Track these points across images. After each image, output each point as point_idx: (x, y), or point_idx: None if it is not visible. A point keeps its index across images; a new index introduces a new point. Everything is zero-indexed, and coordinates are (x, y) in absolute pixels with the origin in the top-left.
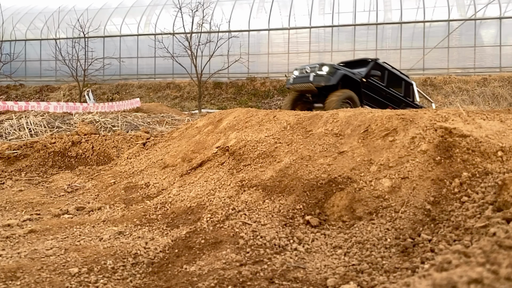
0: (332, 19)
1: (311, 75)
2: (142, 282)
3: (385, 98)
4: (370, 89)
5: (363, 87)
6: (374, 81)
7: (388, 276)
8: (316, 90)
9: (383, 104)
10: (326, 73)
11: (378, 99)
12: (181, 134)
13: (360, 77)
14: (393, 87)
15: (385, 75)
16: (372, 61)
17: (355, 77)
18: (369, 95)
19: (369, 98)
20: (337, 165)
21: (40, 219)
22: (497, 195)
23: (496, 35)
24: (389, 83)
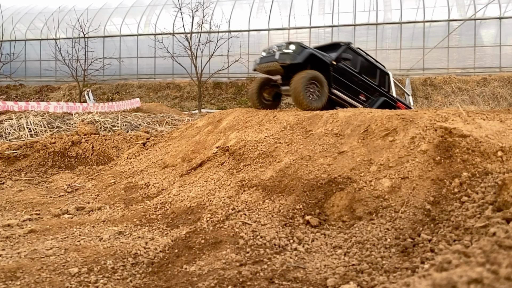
0: (332, 19)
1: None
2: (142, 282)
3: (357, 84)
4: (340, 74)
5: (333, 70)
6: (345, 66)
7: (388, 276)
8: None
9: (354, 91)
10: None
11: (349, 85)
12: (181, 134)
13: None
14: (367, 75)
15: (358, 61)
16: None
17: (324, 58)
18: (339, 80)
19: (339, 83)
20: (337, 165)
21: (40, 219)
22: (497, 195)
23: (496, 35)
24: (362, 70)
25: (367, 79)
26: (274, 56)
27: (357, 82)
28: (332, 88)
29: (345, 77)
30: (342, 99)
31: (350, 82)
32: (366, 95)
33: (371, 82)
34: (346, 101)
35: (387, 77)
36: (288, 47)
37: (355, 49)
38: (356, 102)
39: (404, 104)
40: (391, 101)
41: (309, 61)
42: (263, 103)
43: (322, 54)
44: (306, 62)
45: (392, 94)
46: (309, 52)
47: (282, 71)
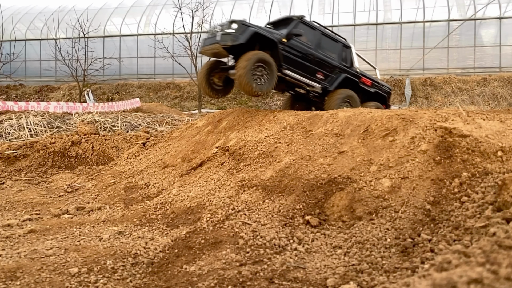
0: (332, 19)
1: (218, 34)
2: (142, 282)
3: (313, 62)
4: (293, 52)
5: (284, 49)
6: (299, 43)
7: (388, 276)
8: (226, 52)
9: (310, 69)
10: (235, 30)
11: (303, 63)
12: (181, 134)
13: (279, 37)
14: (324, 51)
15: (313, 36)
16: (296, 20)
17: (271, 36)
18: (291, 59)
19: (292, 62)
20: (337, 165)
21: (40, 219)
22: (497, 195)
23: (496, 35)
24: (319, 46)
25: (325, 55)
26: (215, 37)
27: (313, 59)
28: (284, 68)
29: (298, 55)
30: (297, 80)
31: (305, 60)
32: (325, 73)
33: (329, 58)
34: (301, 81)
35: (348, 51)
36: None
37: (309, 23)
38: (313, 82)
39: (369, 79)
40: (354, 76)
41: (256, 41)
42: (213, 89)
43: (270, 32)
44: (252, 42)
45: (356, 69)
46: (252, 31)
47: (226, 54)
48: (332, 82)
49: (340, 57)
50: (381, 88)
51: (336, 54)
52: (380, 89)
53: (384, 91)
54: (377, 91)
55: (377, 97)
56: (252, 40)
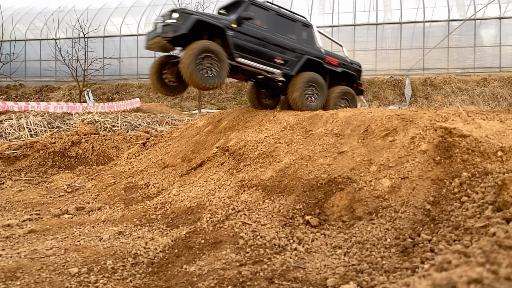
0: (332, 19)
1: (159, 26)
2: (142, 282)
3: (270, 47)
4: (246, 37)
5: (235, 35)
6: (251, 27)
7: (388, 276)
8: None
9: (267, 55)
10: (176, 20)
11: (259, 49)
12: (181, 134)
13: (228, 22)
14: (282, 32)
15: (268, 18)
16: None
17: (218, 22)
18: (244, 45)
19: (245, 48)
20: (337, 165)
21: (40, 219)
22: (497, 195)
23: (496, 35)
24: (276, 28)
25: (282, 38)
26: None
27: (270, 43)
28: (236, 56)
29: (252, 40)
30: (254, 67)
31: (260, 45)
32: (284, 57)
33: (288, 40)
34: (258, 68)
35: (309, 31)
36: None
37: (261, 4)
38: (272, 68)
39: (335, 58)
40: (318, 57)
41: (203, 29)
42: (166, 86)
43: (216, 18)
44: (198, 31)
45: (319, 49)
46: (195, 19)
47: (171, 47)
48: (293, 66)
49: (300, 38)
50: (350, 67)
51: (295, 35)
52: (348, 68)
53: (353, 70)
54: (345, 70)
55: (346, 77)
56: (197, 29)
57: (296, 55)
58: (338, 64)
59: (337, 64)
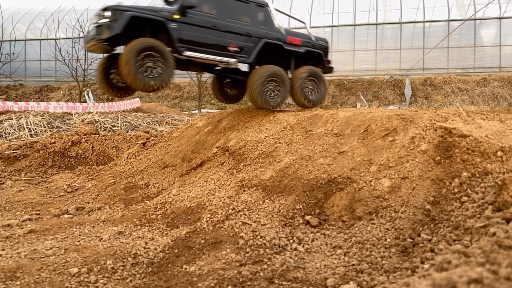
0: (332, 19)
1: (92, 28)
2: (142, 282)
3: (221, 34)
4: (192, 29)
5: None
6: (198, 15)
7: (388, 276)
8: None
9: (219, 43)
10: (109, 20)
11: (208, 39)
12: (181, 134)
13: (169, 14)
14: (235, 17)
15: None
16: None
17: (155, 16)
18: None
19: (192, 41)
20: (337, 165)
21: (40, 219)
22: (497, 195)
23: (496, 35)
24: (226, 13)
25: (235, 23)
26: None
27: (221, 30)
28: (184, 49)
29: (200, 30)
30: (205, 59)
31: (210, 34)
32: (239, 44)
33: (241, 24)
34: (211, 60)
35: (265, 11)
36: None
37: None
38: (226, 58)
39: (298, 37)
40: (277, 39)
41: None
42: (114, 87)
43: (155, 12)
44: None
45: (278, 29)
46: (128, 16)
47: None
48: (250, 53)
49: (255, 20)
50: (315, 45)
51: (249, 17)
52: (313, 46)
53: (318, 48)
54: (309, 49)
55: (311, 56)
56: (135, 25)
57: (252, 40)
58: (301, 43)
59: (300, 43)
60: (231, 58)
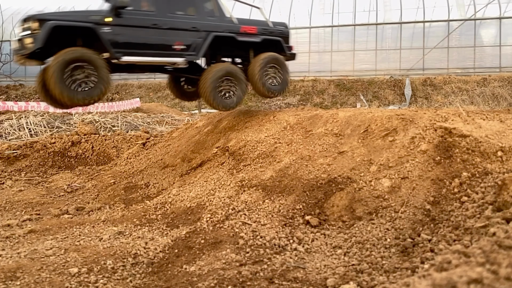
0: (332, 19)
1: (14, 42)
2: (142, 282)
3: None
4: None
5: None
6: (135, 15)
7: (388, 276)
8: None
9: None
10: (30, 33)
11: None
12: (181, 134)
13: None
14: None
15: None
16: None
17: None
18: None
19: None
20: (337, 165)
21: (40, 219)
22: (497, 195)
23: (496, 35)
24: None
25: (178, 18)
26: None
27: (163, 28)
28: (121, 55)
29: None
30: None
31: (150, 34)
32: (185, 40)
33: (186, 19)
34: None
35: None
36: (24, 28)
37: None
38: (171, 58)
39: (253, 25)
40: (229, 31)
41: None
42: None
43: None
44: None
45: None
46: (50, 26)
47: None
48: (198, 49)
49: (202, 12)
50: (273, 32)
51: (195, 10)
52: (271, 33)
53: (277, 34)
54: (267, 37)
55: (269, 44)
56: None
57: (200, 34)
58: (257, 31)
59: (255, 31)
60: (178, 58)
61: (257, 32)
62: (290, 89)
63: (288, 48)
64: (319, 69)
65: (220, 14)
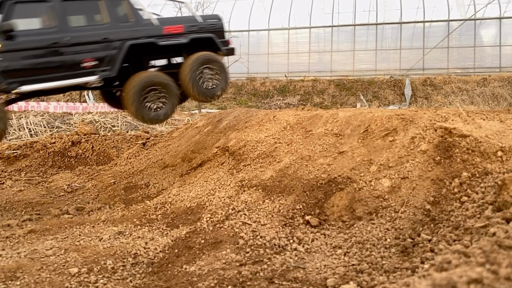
0: (332, 19)
1: None
2: (142, 282)
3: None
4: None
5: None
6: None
7: (388, 276)
8: None
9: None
10: None
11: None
12: (181, 134)
13: None
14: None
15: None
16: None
17: None
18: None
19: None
20: (337, 165)
21: (40, 219)
22: (497, 195)
23: (496, 35)
24: (70, 21)
25: (85, 30)
26: None
27: (66, 46)
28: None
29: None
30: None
31: (52, 54)
32: (96, 55)
33: (95, 29)
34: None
35: (124, 4)
36: None
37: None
38: (80, 78)
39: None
40: (149, 36)
41: None
42: None
43: None
44: None
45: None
46: None
47: None
48: (113, 63)
49: (113, 18)
50: (203, 28)
51: (104, 17)
52: (201, 30)
53: (208, 30)
54: (196, 36)
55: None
56: None
57: (113, 45)
58: (184, 30)
59: (182, 31)
60: (89, 76)
61: (184, 31)
62: (290, 89)
63: (223, 43)
64: (319, 69)
65: (136, 17)
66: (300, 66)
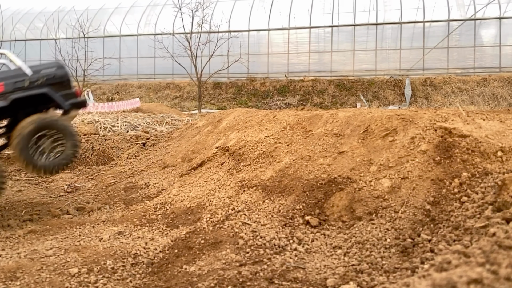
0: (332, 19)
1: None
2: (142, 282)
3: None
4: None
5: None
6: None
7: (388, 276)
8: None
9: None
10: None
11: None
12: (181, 134)
13: None
14: None
15: None
16: None
17: None
18: None
19: None
20: (337, 165)
21: (40, 219)
22: (497, 195)
23: (496, 35)
24: None
25: None
26: None
27: None
28: None
29: None
30: None
31: None
32: None
33: None
34: None
35: None
36: None
37: None
38: None
39: None
40: None
41: None
42: None
43: None
44: None
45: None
46: None
47: None
48: None
49: None
50: (35, 82)
51: None
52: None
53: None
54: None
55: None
56: None
57: None
58: (4, 90)
59: (3, 90)
60: None
61: (5, 90)
62: (290, 89)
63: (66, 97)
64: (319, 69)
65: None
66: (300, 66)
